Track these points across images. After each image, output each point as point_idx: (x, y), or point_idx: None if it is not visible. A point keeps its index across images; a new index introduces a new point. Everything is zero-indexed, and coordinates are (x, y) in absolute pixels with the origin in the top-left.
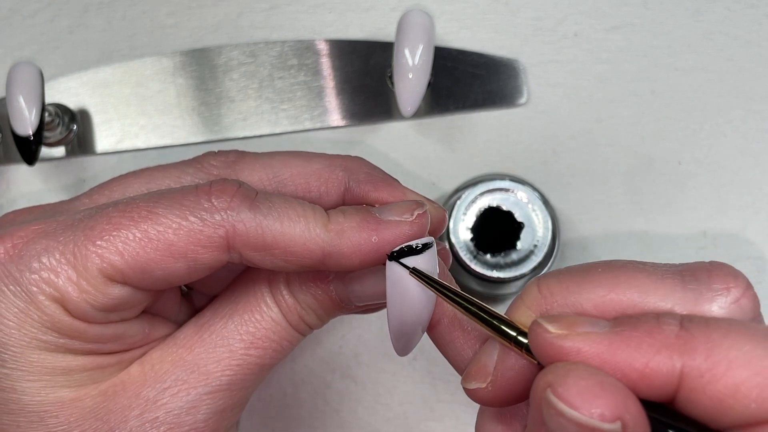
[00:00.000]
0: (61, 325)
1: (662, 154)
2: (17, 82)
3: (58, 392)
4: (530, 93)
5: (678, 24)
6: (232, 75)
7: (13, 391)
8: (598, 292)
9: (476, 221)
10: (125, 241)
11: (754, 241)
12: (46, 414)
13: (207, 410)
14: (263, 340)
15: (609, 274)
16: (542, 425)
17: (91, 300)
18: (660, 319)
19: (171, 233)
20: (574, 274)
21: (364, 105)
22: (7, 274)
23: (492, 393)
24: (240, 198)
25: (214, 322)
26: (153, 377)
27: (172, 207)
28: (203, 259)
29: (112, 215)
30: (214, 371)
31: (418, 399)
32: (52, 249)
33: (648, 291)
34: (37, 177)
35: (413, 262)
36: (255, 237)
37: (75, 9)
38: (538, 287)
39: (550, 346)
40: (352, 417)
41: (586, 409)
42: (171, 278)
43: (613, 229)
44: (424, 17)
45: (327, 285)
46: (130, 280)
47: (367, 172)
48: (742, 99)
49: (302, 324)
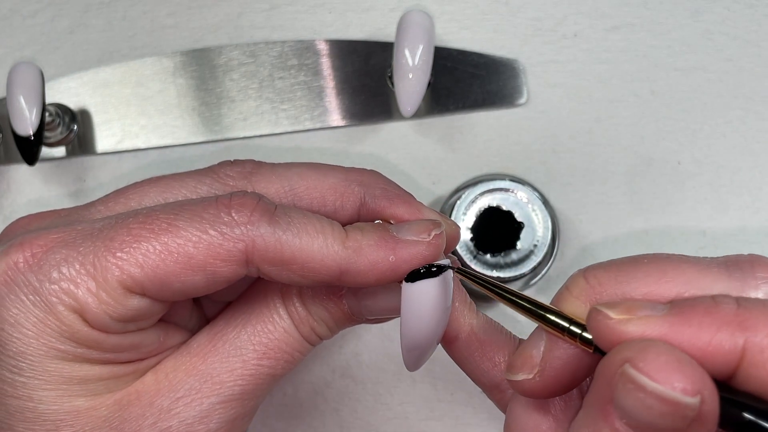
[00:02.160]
0: (79, 335)
1: (662, 154)
2: (18, 82)
3: (74, 401)
4: (530, 93)
5: (677, 24)
6: (232, 75)
7: (30, 399)
8: (646, 282)
9: (476, 221)
10: (145, 253)
11: (754, 241)
12: (62, 423)
13: (219, 419)
14: (275, 350)
15: (655, 265)
16: (608, 405)
17: (110, 311)
18: (716, 299)
19: (191, 246)
20: (621, 264)
21: (364, 105)
22: (27, 283)
23: (540, 383)
24: (260, 212)
25: (227, 331)
26: (167, 386)
27: (193, 220)
28: (222, 272)
29: (132, 226)
30: (226, 381)
31: (418, 399)
32: (72, 259)
33: (695, 280)
34: (37, 177)
35: (429, 285)
36: (274, 252)
37: (75, 9)
38: (585, 278)
39: (612, 331)
40: (352, 417)
41: (669, 383)
42: (189, 290)
43: (613, 229)
44: (424, 17)
45: (340, 299)
46: (149, 292)
47: (383, 188)
48: (742, 99)
49: (313, 335)
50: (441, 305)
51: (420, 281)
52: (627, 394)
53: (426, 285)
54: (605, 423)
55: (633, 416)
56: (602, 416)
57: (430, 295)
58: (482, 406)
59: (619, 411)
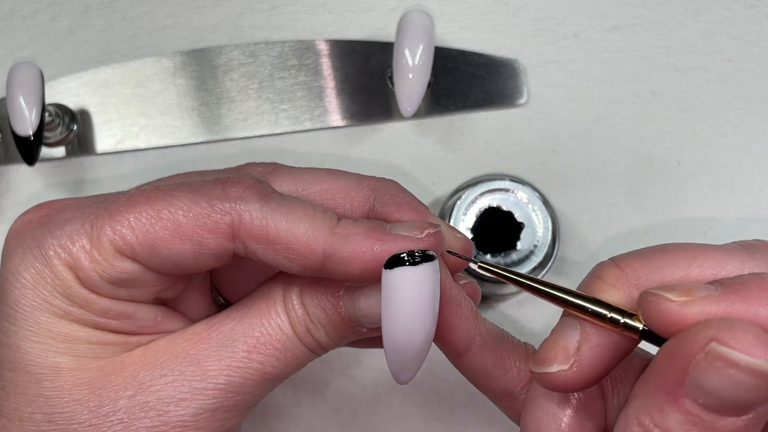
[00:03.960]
0: (71, 292)
1: (662, 154)
2: (17, 83)
3: (57, 358)
4: (530, 93)
5: (678, 24)
6: (232, 75)
7: (18, 349)
8: (680, 266)
9: (476, 221)
10: (138, 217)
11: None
12: (43, 377)
13: (198, 406)
14: (266, 346)
15: (684, 251)
16: (678, 388)
17: (99, 270)
18: (761, 275)
19: (181, 215)
20: (651, 251)
21: (364, 105)
22: (33, 237)
23: (577, 374)
24: (252, 191)
25: (225, 323)
26: (152, 363)
27: (188, 192)
28: (208, 244)
29: (133, 195)
30: (212, 369)
31: (418, 399)
32: (75, 220)
33: (724, 262)
34: (37, 177)
35: (410, 274)
36: (260, 229)
37: (75, 9)
38: (617, 265)
39: (675, 314)
40: (352, 417)
41: (764, 356)
42: (177, 260)
43: (613, 229)
44: (424, 17)
45: (337, 300)
46: (139, 257)
47: (392, 194)
48: (742, 99)
49: (310, 338)
50: (425, 301)
51: (400, 268)
52: (715, 373)
53: (406, 274)
54: (674, 407)
55: (718, 394)
56: (670, 400)
57: (411, 286)
58: (482, 407)
59: (695, 392)
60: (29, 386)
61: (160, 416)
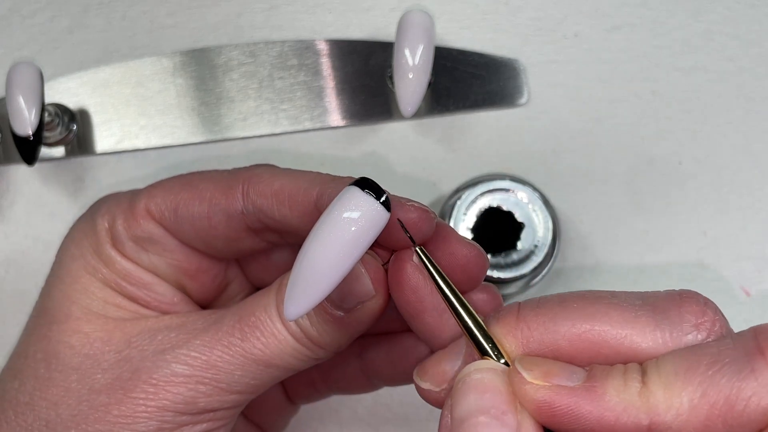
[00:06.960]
0: (101, 249)
1: (662, 154)
2: (17, 82)
3: (72, 307)
4: (530, 93)
5: (678, 24)
6: (231, 75)
7: (47, 295)
8: (573, 329)
9: (476, 221)
10: (170, 188)
11: (754, 241)
12: (54, 320)
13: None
14: (247, 321)
15: (584, 311)
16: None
17: (127, 227)
18: (626, 375)
19: (203, 184)
20: (553, 305)
21: (364, 105)
22: (97, 207)
23: (444, 399)
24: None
25: (232, 305)
26: (147, 328)
27: (214, 173)
28: (220, 202)
29: (168, 179)
30: (197, 340)
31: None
32: (127, 193)
33: (622, 329)
34: (36, 177)
35: (363, 198)
36: (267, 184)
37: (75, 9)
38: (517, 316)
39: (525, 394)
40: (352, 417)
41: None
42: (194, 220)
43: (613, 229)
44: (424, 17)
45: None
46: (165, 221)
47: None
48: (742, 99)
49: (293, 325)
50: (357, 235)
51: (359, 190)
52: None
53: (362, 197)
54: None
55: None
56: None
57: (356, 210)
58: None
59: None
60: (41, 328)
61: (136, 371)
